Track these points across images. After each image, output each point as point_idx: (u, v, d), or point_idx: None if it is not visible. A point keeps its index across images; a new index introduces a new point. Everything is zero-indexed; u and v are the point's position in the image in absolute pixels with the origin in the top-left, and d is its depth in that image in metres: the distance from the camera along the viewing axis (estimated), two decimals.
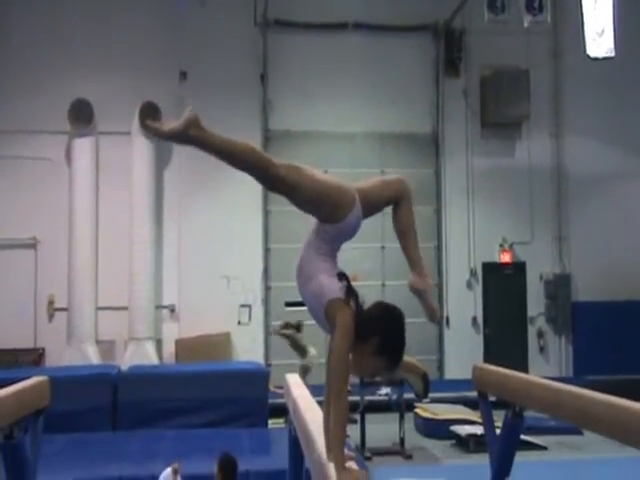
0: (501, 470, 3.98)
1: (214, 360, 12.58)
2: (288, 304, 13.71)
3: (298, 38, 14.70)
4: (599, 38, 12.53)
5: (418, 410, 11.15)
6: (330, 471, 2.59)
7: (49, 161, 13.87)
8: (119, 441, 9.51)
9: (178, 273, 14.05)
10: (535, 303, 15.09)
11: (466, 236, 14.88)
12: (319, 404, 3.35)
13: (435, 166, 15.13)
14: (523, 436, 5.29)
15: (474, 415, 10.08)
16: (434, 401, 11.12)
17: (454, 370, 14.12)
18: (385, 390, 11.06)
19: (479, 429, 8.92)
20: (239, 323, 14.01)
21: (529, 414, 3.92)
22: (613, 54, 12.61)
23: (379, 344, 2.75)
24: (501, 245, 15.01)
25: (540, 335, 15.06)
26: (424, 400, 10.03)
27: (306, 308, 2.96)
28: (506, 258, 15.06)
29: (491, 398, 4.24)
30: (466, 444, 9.89)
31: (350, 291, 2.81)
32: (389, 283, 14.14)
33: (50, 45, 13.97)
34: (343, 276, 2.86)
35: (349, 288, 2.81)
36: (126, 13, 14.21)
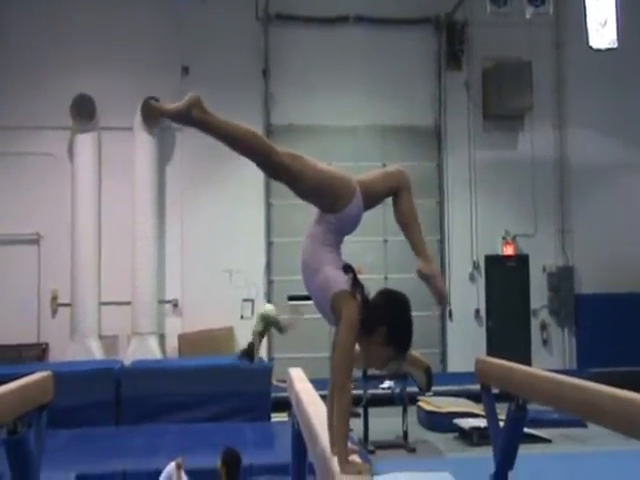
0: (505, 463, 3.98)
1: (217, 355, 12.58)
2: (291, 298, 13.71)
3: (300, 32, 14.67)
4: (602, 29, 12.50)
5: (421, 403, 11.14)
6: (334, 465, 2.58)
7: (51, 157, 13.87)
8: (122, 436, 9.53)
9: (181, 268, 14.06)
10: (538, 296, 15.08)
11: (469, 229, 14.87)
12: (322, 398, 3.35)
13: (437, 159, 15.11)
14: (526, 429, 5.28)
15: (477, 408, 10.07)
16: (437, 394, 11.10)
17: (457, 363, 14.13)
18: (388, 383, 11.06)
19: (482, 422, 8.90)
20: (242, 317, 13.99)
21: (532, 407, 3.92)
22: (616, 45, 12.58)
23: (387, 332, 2.74)
24: (504, 238, 14.99)
25: (543, 328, 15.05)
26: (427, 393, 10.00)
27: (310, 302, 2.95)
28: (509, 251, 15.04)
29: (494, 391, 4.24)
30: (469, 437, 9.89)
31: (356, 283, 2.80)
32: (391, 276, 14.13)
33: (52, 41, 13.96)
34: (349, 268, 2.84)
35: (355, 280, 2.80)
36: (127, 9, 14.18)
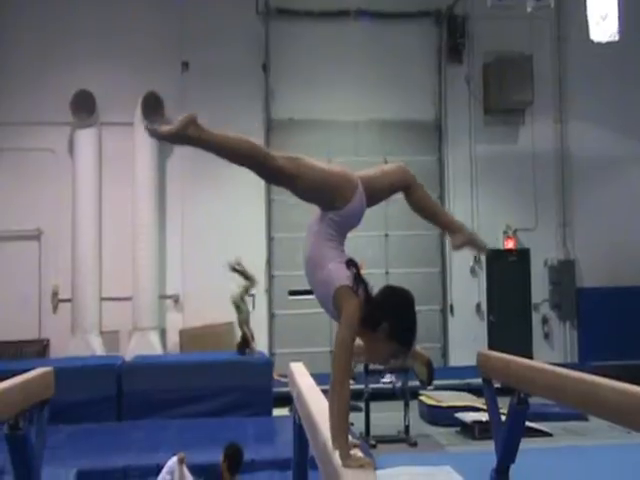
0: (506, 457, 3.98)
1: (218, 350, 12.59)
2: (292, 293, 13.72)
3: (300, 26, 14.65)
4: (603, 22, 12.46)
5: (423, 397, 11.16)
6: (336, 459, 2.58)
7: (52, 152, 13.87)
8: (124, 431, 9.53)
9: (181, 263, 14.06)
10: (539, 289, 15.08)
11: (470, 223, 14.78)
12: (323, 392, 3.35)
13: (438, 153, 15.09)
14: (528, 423, 5.29)
15: (479, 402, 10.08)
16: (439, 388, 11.13)
17: (458, 357, 14.14)
18: (390, 378, 11.06)
19: (484, 416, 8.92)
20: None
21: (534, 400, 3.92)
22: (617, 38, 12.55)
23: (390, 328, 2.75)
24: (505, 232, 14.99)
25: (544, 321, 15.05)
26: (429, 387, 10.03)
27: (311, 297, 2.95)
28: (510, 245, 15.03)
29: (496, 385, 4.24)
30: (471, 431, 9.90)
31: (358, 279, 2.80)
32: (393, 271, 14.13)
33: (52, 37, 13.94)
34: (352, 263, 2.84)
35: (357, 276, 2.80)
36: (128, 4, 14.16)
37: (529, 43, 14.78)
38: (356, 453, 2.61)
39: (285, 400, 8.71)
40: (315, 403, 3.46)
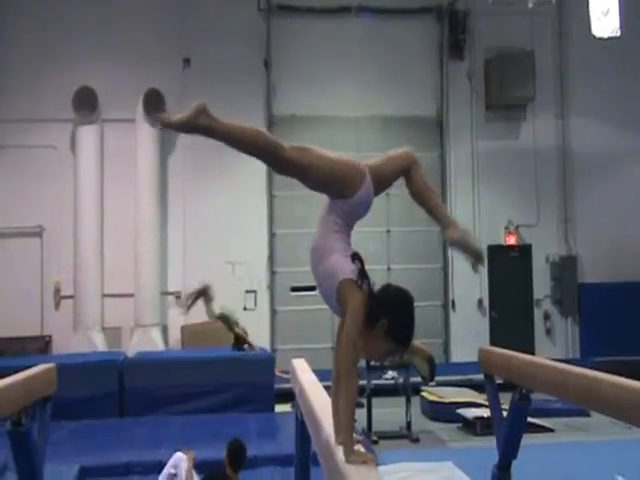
0: (508, 452, 3.98)
1: (220, 346, 12.58)
2: (294, 289, 13.72)
3: (301, 23, 14.64)
4: (604, 18, 12.45)
5: (424, 393, 11.16)
6: (338, 454, 2.58)
7: (54, 149, 13.88)
8: (126, 427, 9.53)
9: (183, 260, 14.06)
10: (541, 285, 15.08)
11: (471, 219, 14.83)
12: (326, 388, 3.35)
13: (440, 149, 15.09)
14: (529, 418, 5.28)
15: (480, 398, 10.08)
16: (440, 384, 11.13)
17: (460, 353, 14.14)
18: (391, 374, 11.07)
19: (486, 412, 8.92)
20: (245, 309, 14.00)
21: (535, 396, 3.92)
22: (618, 34, 12.54)
23: (388, 327, 2.74)
24: (507, 227, 14.99)
25: (546, 317, 15.05)
26: (430, 383, 10.01)
27: (314, 293, 2.96)
28: (512, 240, 15.04)
29: (497, 381, 4.24)
30: (473, 427, 9.90)
31: (363, 273, 2.80)
32: (394, 267, 14.14)
33: (53, 34, 13.95)
34: (357, 257, 2.84)
35: (362, 270, 2.80)
36: (129, 1, 14.17)
37: (530, 39, 14.77)
38: (359, 449, 2.62)
39: (287, 396, 8.73)
40: (317, 399, 3.46)
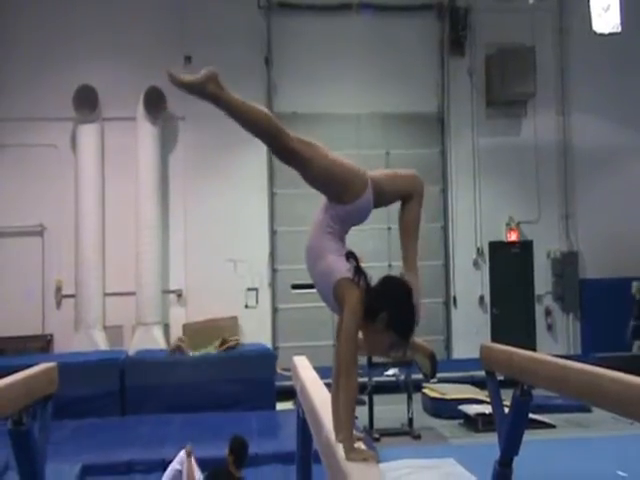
0: (510, 449, 3.99)
1: None
2: (295, 286, 13.72)
3: (302, 20, 14.62)
4: (605, 14, 12.44)
5: (426, 390, 11.16)
6: (339, 452, 2.58)
7: (55, 148, 13.87)
8: (128, 426, 9.54)
9: (185, 258, 14.07)
10: (542, 281, 15.08)
11: (472, 215, 14.84)
12: (327, 386, 3.35)
13: (441, 146, 15.07)
14: (531, 414, 5.29)
15: (482, 394, 10.08)
16: (442, 381, 11.12)
17: (462, 350, 14.14)
18: (393, 371, 11.07)
19: (487, 408, 8.92)
20: (246, 306, 14.03)
21: (537, 392, 3.92)
22: (619, 30, 12.52)
23: (389, 319, 2.73)
24: (508, 224, 14.97)
25: (548, 313, 15.05)
26: (432, 380, 10.02)
27: (314, 290, 2.95)
28: (513, 237, 15.02)
29: (499, 377, 4.24)
30: (474, 423, 9.90)
31: (358, 271, 2.80)
32: (395, 264, 14.11)
33: (54, 32, 13.93)
34: (352, 255, 2.84)
35: (357, 268, 2.80)
36: None
37: (531, 35, 14.75)
38: (360, 446, 2.61)
39: (289, 394, 8.72)
40: (318, 396, 3.46)
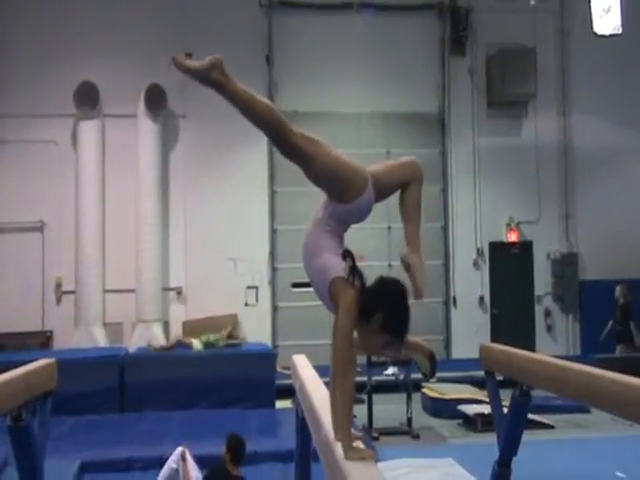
0: (509, 449, 3.99)
1: None
2: (295, 285, 13.71)
3: (303, 19, 14.62)
4: (606, 15, 12.45)
5: (425, 390, 11.16)
6: (338, 451, 2.59)
7: (55, 144, 13.86)
8: (127, 423, 9.55)
9: (185, 255, 14.07)
10: (542, 282, 15.08)
11: (473, 215, 14.85)
12: (326, 384, 3.35)
13: (441, 146, 15.07)
14: (530, 415, 5.29)
15: (481, 394, 10.08)
16: (441, 381, 11.12)
17: (461, 350, 14.14)
18: (392, 370, 11.08)
19: (486, 408, 8.92)
20: (246, 305, 14.03)
21: (536, 393, 3.92)
22: (620, 31, 12.54)
23: (383, 319, 2.74)
24: (508, 224, 14.98)
25: (547, 314, 15.05)
26: (431, 380, 9.99)
27: (313, 289, 2.95)
28: (513, 237, 15.03)
29: (498, 377, 4.24)
30: (474, 423, 9.90)
31: (354, 270, 2.80)
32: (395, 263, 14.06)
33: (55, 29, 13.92)
34: (348, 254, 2.84)
35: (353, 267, 2.80)
36: None
37: (532, 36, 14.74)
38: (358, 445, 2.62)
39: (288, 392, 8.72)
40: (317, 395, 3.46)
